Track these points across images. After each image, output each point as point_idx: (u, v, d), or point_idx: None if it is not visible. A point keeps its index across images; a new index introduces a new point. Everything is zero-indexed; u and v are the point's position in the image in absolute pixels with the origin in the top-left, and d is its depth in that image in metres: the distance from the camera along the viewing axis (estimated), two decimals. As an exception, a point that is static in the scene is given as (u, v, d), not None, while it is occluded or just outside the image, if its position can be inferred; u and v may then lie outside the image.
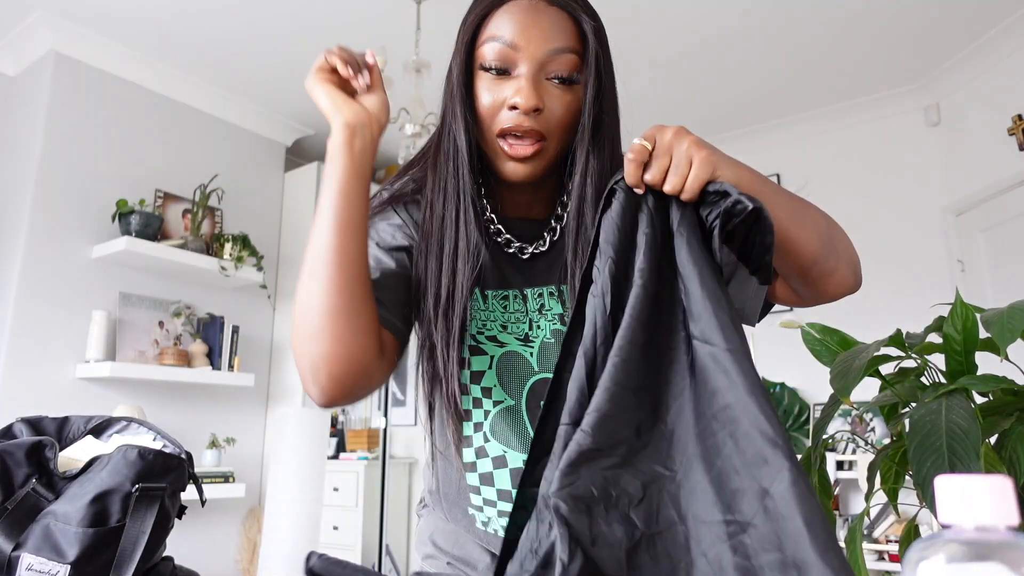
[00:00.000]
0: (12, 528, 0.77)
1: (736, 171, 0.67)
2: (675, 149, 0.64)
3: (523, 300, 0.84)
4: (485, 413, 0.84)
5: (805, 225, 0.72)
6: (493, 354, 0.83)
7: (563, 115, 0.77)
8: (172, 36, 2.99)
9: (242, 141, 3.59)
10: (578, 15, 0.76)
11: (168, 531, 0.86)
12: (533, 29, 0.75)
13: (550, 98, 0.76)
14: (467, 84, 0.79)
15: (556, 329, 0.83)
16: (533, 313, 0.84)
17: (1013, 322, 0.99)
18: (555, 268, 0.85)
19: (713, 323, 0.57)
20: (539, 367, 0.83)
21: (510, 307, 0.84)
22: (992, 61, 3.00)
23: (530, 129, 0.75)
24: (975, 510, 0.35)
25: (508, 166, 0.78)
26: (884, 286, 3.33)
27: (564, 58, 0.75)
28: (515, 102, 0.74)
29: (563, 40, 0.75)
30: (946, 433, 0.91)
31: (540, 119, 0.75)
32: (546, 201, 0.87)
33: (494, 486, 0.83)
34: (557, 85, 0.76)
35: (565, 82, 0.76)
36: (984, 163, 3.05)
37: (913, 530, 1.21)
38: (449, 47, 0.81)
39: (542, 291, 0.84)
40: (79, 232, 2.90)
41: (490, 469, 0.84)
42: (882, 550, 2.83)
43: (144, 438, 0.92)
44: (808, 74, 3.28)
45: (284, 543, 2.20)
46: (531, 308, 0.84)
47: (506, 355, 0.83)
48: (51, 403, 2.70)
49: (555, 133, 0.77)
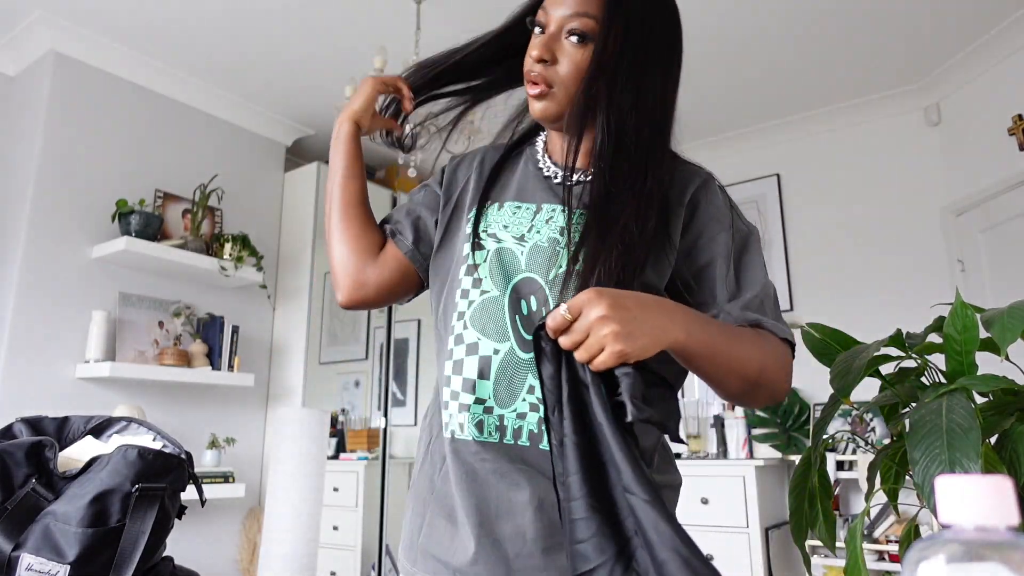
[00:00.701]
0: (12, 528, 0.77)
1: (653, 343, 0.70)
2: (592, 332, 0.67)
3: (534, 212, 0.94)
4: (470, 303, 0.91)
5: (732, 373, 0.80)
6: (489, 248, 0.92)
7: (570, 67, 0.89)
8: (172, 36, 2.99)
9: (242, 141, 3.59)
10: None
11: (168, 531, 0.86)
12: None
13: (562, 53, 0.89)
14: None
15: (553, 237, 0.90)
16: (538, 221, 0.92)
17: (1013, 322, 0.99)
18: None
19: (631, 475, 0.61)
20: (526, 266, 0.90)
21: (519, 214, 0.94)
22: (992, 61, 3.00)
23: (538, 75, 0.89)
24: (975, 510, 0.35)
25: (530, 105, 0.92)
26: (884, 286, 3.33)
27: (579, 20, 0.88)
28: (531, 51, 0.90)
29: (581, 6, 0.88)
30: (946, 433, 0.91)
31: (549, 69, 0.89)
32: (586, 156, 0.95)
33: (462, 375, 0.88)
34: (572, 43, 0.88)
35: (577, 39, 0.88)
36: (984, 163, 3.05)
37: (913, 530, 1.21)
38: (449, 47, 0.95)
39: (556, 208, 0.92)
40: (79, 232, 2.90)
41: (462, 356, 0.89)
42: (882, 550, 2.83)
43: (144, 438, 0.92)
44: (808, 74, 3.28)
45: (284, 543, 2.20)
46: (539, 218, 0.93)
47: (500, 250, 0.91)
48: (51, 403, 2.69)
49: (561, 83, 0.89)
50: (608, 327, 0.66)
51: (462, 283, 0.92)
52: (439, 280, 0.99)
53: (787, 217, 3.68)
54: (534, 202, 0.94)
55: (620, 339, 0.66)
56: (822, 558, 2.97)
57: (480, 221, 0.95)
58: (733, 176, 3.83)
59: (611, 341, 0.66)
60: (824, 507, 1.21)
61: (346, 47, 3.03)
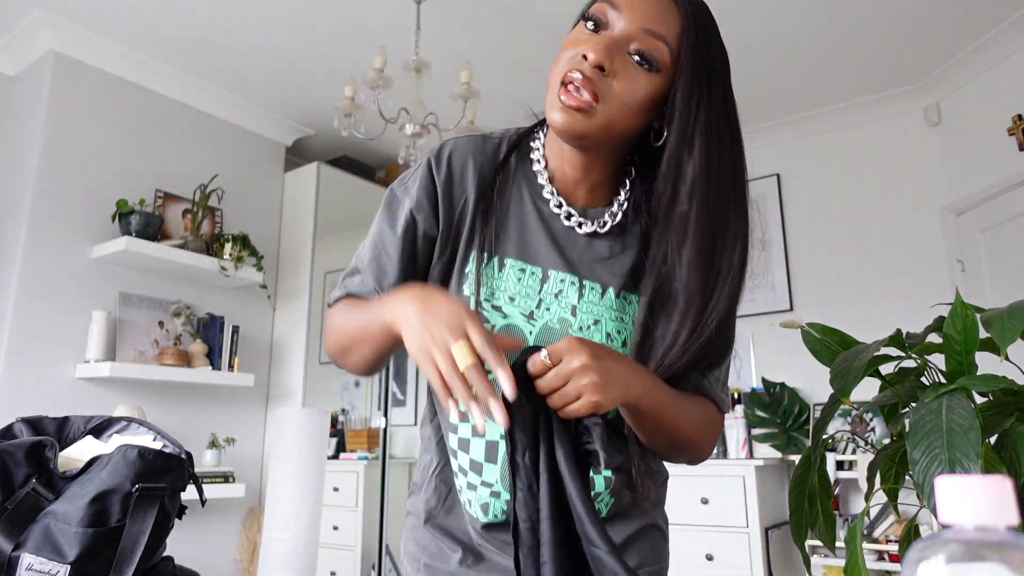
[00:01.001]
0: (12, 528, 0.77)
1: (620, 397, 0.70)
2: (572, 379, 0.66)
3: (540, 279, 0.84)
4: None
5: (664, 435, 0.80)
6: (495, 323, 0.83)
7: (626, 88, 0.76)
8: (172, 36, 2.99)
9: (242, 141, 3.59)
10: (691, 22, 0.78)
11: (168, 531, 0.86)
12: (641, 3, 0.77)
13: (622, 67, 0.76)
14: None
15: (564, 318, 0.84)
16: (547, 295, 0.84)
17: (1013, 322, 0.99)
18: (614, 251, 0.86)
19: (593, 527, 0.63)
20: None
21: (525, 281, 0.84)
22: (992, 61, 3.00)
23: (588, 82, 0.75)
24: (975, 510, 0.35)
25: (555, 115, 0.77)
26: (884, 286, 3.33)
27: (653, 42, 0.76)
28: (586, 52, 0.75)
29: (661, 27, 0.76)
30: (946, 433, 0.91)
31: (603, 80, 0.75)
32: (594, 188, 0.88)
33: (468, 454, 0.85)
34: (635, 64, 0.76)
35: (643, 62, 0.76)
36: (984, 163, 3.05)
37: (913, 530, 1.21)
38: (449, 47, 0.86)
39: (564, 278, 0.84)
40: (79, 232, 2.90)
41: (468, 436, 0.86)
42: (882, 550, 2.83)
43: (144, 438, 0.92)
44: (808, 74, 3.28)
45: (284, 543, 2.20)
46: (547, 290, 0.84)
47: (506, 327, 0.83)
48: (51, 403, 2.69)
49: (611, 100, 0.76)
50: (587, 377, 0.66)
51: None
52: None
53: (787, 217, 3.68)
54: (539, 265, 0.85)
55: (597, 390, 0.66)
56: (822, 558, 2.97)
57: (481, 284, 0.84)
58: (733, 176, 3.83)
59: (589, 391, 0.66)
60: (824, 507, 1.21)
61: (346, 47, 3.03)
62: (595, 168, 0.86)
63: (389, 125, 2.58)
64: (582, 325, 0.83)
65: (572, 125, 0.77)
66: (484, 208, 0.86)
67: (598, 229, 0.86)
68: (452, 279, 0.87)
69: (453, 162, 0.87)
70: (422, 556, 0.91)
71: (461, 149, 0.88)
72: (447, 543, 0.90)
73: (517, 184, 0.88)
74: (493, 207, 0.86)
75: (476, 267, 0.84)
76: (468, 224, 0.86)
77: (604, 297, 0.85)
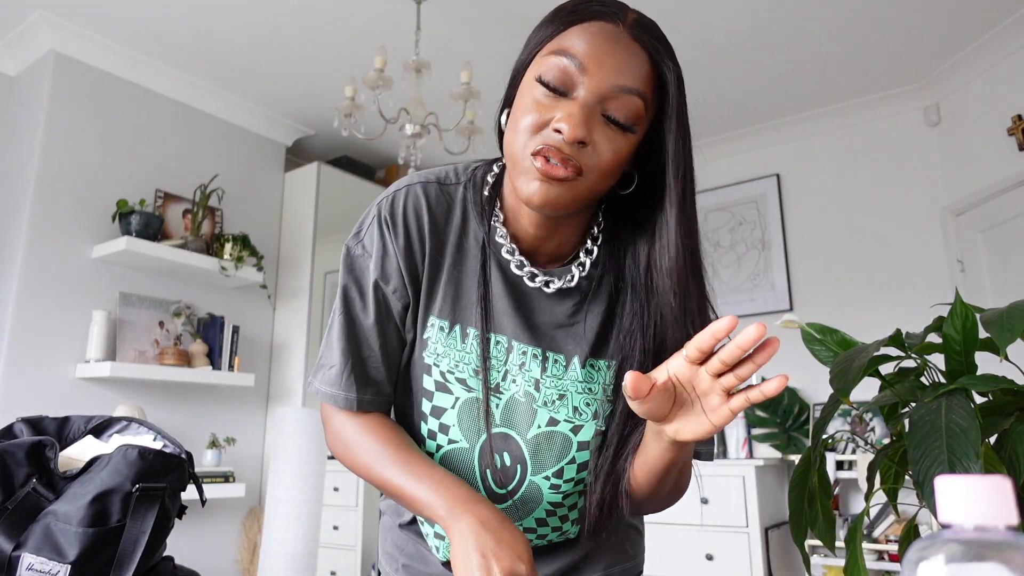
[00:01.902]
0: (12, 528, 0.77)
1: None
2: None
3: (505, 350, 0.79)
4: (438, 447, 0.82)
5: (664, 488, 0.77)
6: (459, 396, 0.80)
7: (610, 157, 0.70)
8: (172, 36, 2.99)
9: (242, 141, 3.59)
10: (661, 59, 0.71)
11: (168, 531, 0.86)
12: (606, 57, 0.68)
13: (599, 135, 0.69)
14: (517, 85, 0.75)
15: (528, 392, 0.79)
16: (511, 365, 0.79)
17: (1013, 322, 0.99)
18: (577, 317, 0.81)
19: None
20: (501, 421, 0.79)
21: (489, 351, 0.79)
22: (992, 61, 3.00)
23: (569, 158, 0.68)
24: (975, 510, 0.35)
25: (532, 186, 0.69)
26: (884, 286, 3.34)
27: (628, 99, 0.69)
28: (560, 127, 0.67)
29: (634, 80, 0.69)
30: (946, 433, 0.91)
31: (583, 153, 0.69)
32: (558, 247, 0.82)
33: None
34: (610, 126, 0.69)
35: (620, 126, 0.69)
36: (984, 163, 3.05)
37: (913, 530, 1.21)
38: (449, 47, 0.82)
39: (527, 350, 0.79)
40: (79, 232, 2.90)
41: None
42: (882, 550, 2.83)
43: (144, 438, 0.92)
44: (808, 74, 3.28)
45: (284, 543, 2.20)
46: (512, 361, 0.79)
47: (470, 400, 0.79)
48: (51, 403, 2.70)
49: (594, 171, 0.70)
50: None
51: (428, 420, 0.81)
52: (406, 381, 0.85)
53: (787, 217, 3.68)
54: (503, 334, 0.79)
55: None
56: (822, 558, 2.97)
57: (443, 356, 0.79)
58: (733, 176, 3.84)
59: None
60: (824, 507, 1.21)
61: (346, 47, 3.03)
62: (561, 229, 0.80)
63: (389, 125, 2.58)
64: (546, 400, 0.79)
65: (550, 198, 0.70)
66: (443, 268, 0.80)
67: (564, 285, 0.80)
68: (411, 343, 0.82)
69: (408, 220, 0.79)
70: (400, 556, 0.91)
71: (414, 202, 0.80)
72: (424, 545, 0.89)
73: (477, 240, 0.81)
74: (452, 268, 0.80)
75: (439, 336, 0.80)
76: (426, 286, 0.80)
77: (568, 369, 0.80)
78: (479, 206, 0.81)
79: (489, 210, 0.81)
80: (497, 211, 0.81)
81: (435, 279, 0.80)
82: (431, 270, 0.80)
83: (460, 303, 0.80)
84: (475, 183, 0.83)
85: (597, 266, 0.82)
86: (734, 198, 3.82)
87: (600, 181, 0.71)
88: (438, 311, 0.80)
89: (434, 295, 0.80)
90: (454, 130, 2.63)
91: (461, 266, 0.81)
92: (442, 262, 0.80)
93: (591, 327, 0.81)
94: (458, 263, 0.81)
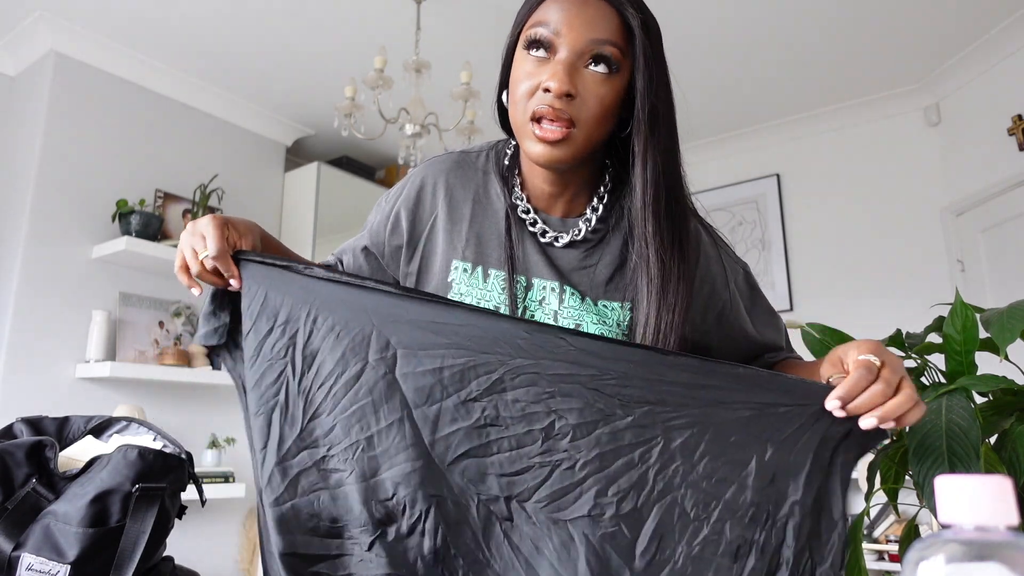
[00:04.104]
0: (12, 528, 0.77)
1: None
2: (902, 384, 0.66)
3: (525, 288, 0.86)
4: None
5: None
6: None
7: (596, 105, 0.78)
8: (172, 36, 2.98)
9: (242, 141, 3.59)
10: (624, 9, 0.79)
11: (168, 531, 0.86)
12: (576, 19, 0.77)
13: (584, 86, 0.77)
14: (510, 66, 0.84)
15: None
16: (531, 302, 0.86)
17: (1013, 322, 0.99)
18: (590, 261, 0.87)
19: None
20: None
21: (515, 288, 0.86)
22: (992, 61, 3.00)
23: (560, 112, 0.76)
24: (975, 510, 0.35)
25: (536, 149, 0.79)
26: (884, 286, 3.33)
27: (604, 48, 0.77)
28: (548, 85, 0.76)
29: (604, 32, 0.78)
30: (946, 433, 0.91)
31: (572, 105, 0.77)
32: (573, 199, 0.89)
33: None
34: (594, 74, 0.78)
35: (602, 72, 0.78)
36: (984, 163, 3.05)
37: (913, 530, 1.21)
38: (449, 47, 0.86)
39: (547, 284, 0.86)
40: (79, 232, 2.90)
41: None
42: (882, 550, 2.83)
43: (144, 438, 0.92)
44: (808, 74, 3.28)
45: (284, 543, 2.20)
46: (531, 297, 0.86)
47: None
48: (51, 403, 2.69)
49: (586, 122, 0.78)
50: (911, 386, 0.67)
51: None
52: None
53: (787, 217, 3.68)
54: (523, 274, 0.87)
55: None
56: (822, 558, 2.96)
57: (466, 296, 0.86)
58: (733, 176, 3.83)
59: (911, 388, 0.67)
60: (824, 507, 1.20)
61: (346, 47, 3.03)
62: (572, 181, 0.88)
63: (389, 125, 2.58)
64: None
65: (554, 156, 0.79)
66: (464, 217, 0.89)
67: (574, 238, 0.87)
68: (431, 284, 0.90)
69: (426, 179, 0.92)
70: None
71: (437, 165, 0.93)
72: None
73: (499, 196, 0.90)
74: (474, 219, 0.89)
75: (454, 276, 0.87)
76: (444, 235, 0.89)
77: (584, 302, 0.86)
78: (500, 168, 0.91)
79: (510, 171, 0.91)
80: (517, 172, 0.91)
81: (456, 227, 0.89)
82: (449, 220, 0.89)
83: (482, 247, 0.88)
84: (496, 151, 0.94)
85: (609, 216, 0.89)
86: (734, 198, 3.82)
87: (594, 128, 0.79)
88: (461, 255, 0.88)
89: (456, 241, 0.89)
90: (454, 130, 2.63)
91: (482, 217, 0.89)
92: (465, 212, 0.89)
93: (603, 272, 0.87)
94: (478, 215, 0.89)
